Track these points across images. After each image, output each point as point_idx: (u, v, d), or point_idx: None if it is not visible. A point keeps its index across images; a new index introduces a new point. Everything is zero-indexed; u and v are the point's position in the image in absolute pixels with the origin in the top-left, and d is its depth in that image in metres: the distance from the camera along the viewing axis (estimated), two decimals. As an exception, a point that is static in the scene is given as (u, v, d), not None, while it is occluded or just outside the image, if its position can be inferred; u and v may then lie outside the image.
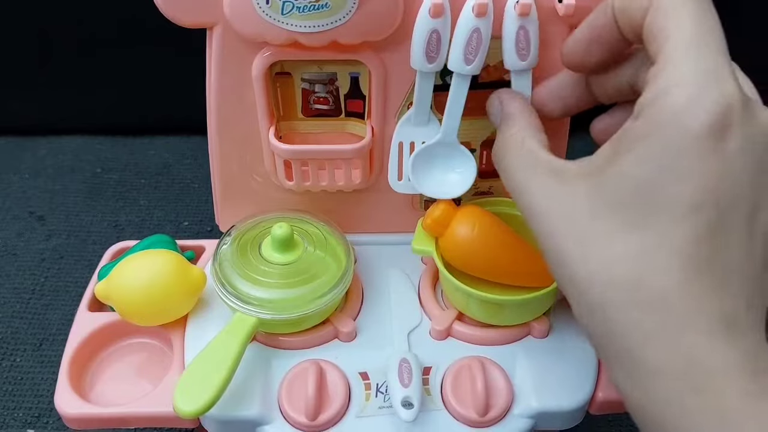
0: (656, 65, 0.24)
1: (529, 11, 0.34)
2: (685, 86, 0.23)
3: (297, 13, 0.33)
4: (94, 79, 0.70)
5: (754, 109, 0.24)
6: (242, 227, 0.40)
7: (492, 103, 0.36)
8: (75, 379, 0.37)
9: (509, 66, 0.36)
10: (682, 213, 0.23)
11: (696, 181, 0.23)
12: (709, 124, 0.23)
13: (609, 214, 0.25)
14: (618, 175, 0.25)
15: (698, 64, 0.23)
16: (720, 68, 0.23)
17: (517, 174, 0.30)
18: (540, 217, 0.27)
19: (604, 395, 0.37)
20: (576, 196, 0.26)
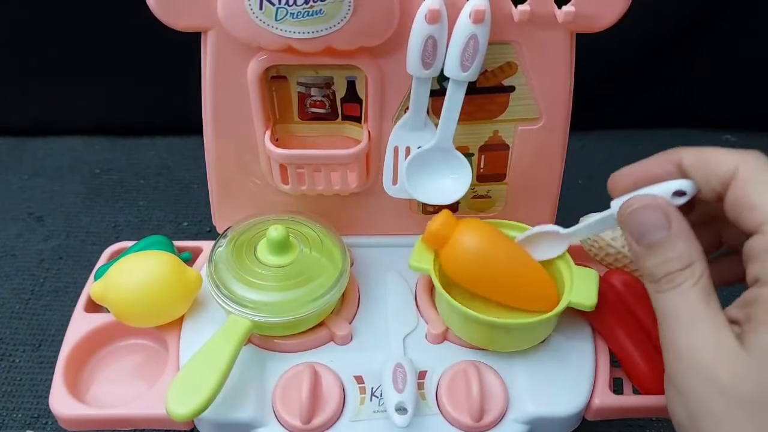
0: (764, 235, 0.27)
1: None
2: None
3: (291, 19, 0.33)
4: (93, 80, 0.71)
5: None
6: (238, 229, 0.40)
7: (648, 210, 0.30)
8: (70, 380, 0.37)
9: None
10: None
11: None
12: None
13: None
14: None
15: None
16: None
17: (702, 351, 0.27)
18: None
19: (600, 401, 0.37)
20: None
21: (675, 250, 0.28)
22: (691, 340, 0.27)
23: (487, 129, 0.40)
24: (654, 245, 0.29)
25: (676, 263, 0.28)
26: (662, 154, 0.31)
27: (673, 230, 0.29)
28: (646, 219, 0.29)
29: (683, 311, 0.28)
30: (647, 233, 0.29)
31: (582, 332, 0.39)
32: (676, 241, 0.29)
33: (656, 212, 0.29)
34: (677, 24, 0.69)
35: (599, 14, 0.36)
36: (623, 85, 0.73)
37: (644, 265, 0.29)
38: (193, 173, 0.70)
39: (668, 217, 0.29)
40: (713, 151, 0.30)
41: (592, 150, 0.74)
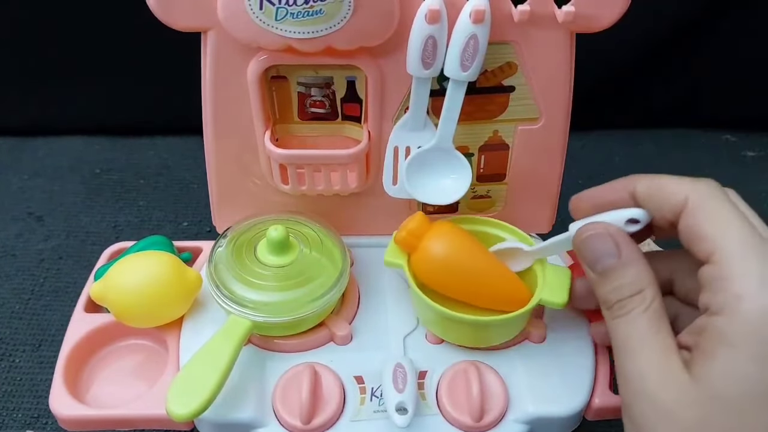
0: (715, 264, 0.27)
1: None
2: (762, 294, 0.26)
3: (291, 18, 0.33)
4: (93, 80, 0.70)
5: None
6: (238, 229, 0.40)
7: (599, 238, 0.31)
8: (70, 380, 0.37)
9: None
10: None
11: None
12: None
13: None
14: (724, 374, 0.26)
15: (763, 267, 0.26)
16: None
17: (648, 376, 0.28)
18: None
19: (600, 401, 0.37)
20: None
21: (625, 277, 0.29)
22: (639, 366, 0.28)
23: (487, 129, 0.40)
24: (606, 272, 0.30)
25: (626, 290, 0.29)
26: (619, 181, 0.32)
27: (623, 258, 0.30)
28: (597, 246, 0.30)
29: (633, 337, 0.28)
30: (599, 260, 0.30)
31: (582, 332, 0.39)
32: (626, 269, 0.29)
33: (607, 240, 0.30)
34: (677, 24, 0.69)
35: (599, 14, 0.36)
36: (623, 85, 0.73)
37: (598, 292, 0.31)
38: (193, 173, 0.70)
39: (618, 246, 0.30)
40: (665, 180, 0.30)
41: (592, 150, 0.74)
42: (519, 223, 0.42)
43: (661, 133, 0.77)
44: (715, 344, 0.26)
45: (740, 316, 0.26)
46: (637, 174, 0.32)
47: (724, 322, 0.26)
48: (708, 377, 0.26)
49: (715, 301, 0.27)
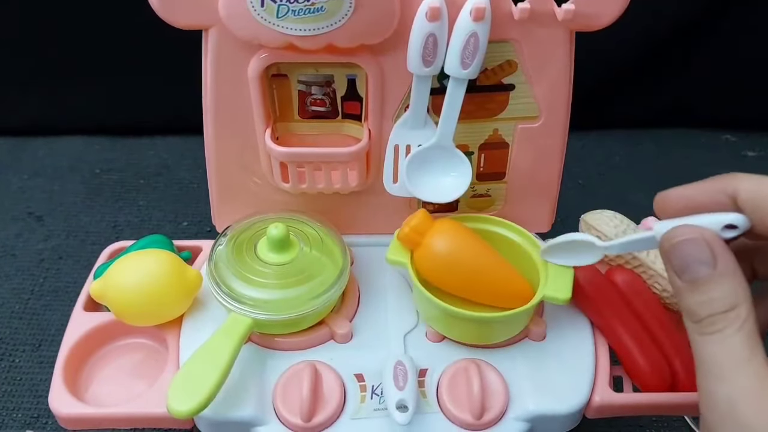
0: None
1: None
2: None
3: (292, 16, 0.33)
4: (93, 79, 0.71)
5: None
6: (238, 228, 0.40)
7: (692, 244, 0.28)
8: (70, 379, 0.37)
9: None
10: None
11: None
12: None
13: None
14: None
15: None
16: None
17: (741, 404, 0.25)
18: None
19: (600, 399, 0.37)
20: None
21: (719, 290, 0.26)
22: (731, 392, 0.25)
23: (487, 127, 0.41)
24: (697, 282, 0.27)
25: (719, 304, 0.26)
26: (716, 181, 0.29)
27: (719, 268, 0.27)
28: (690, 253, 0.27)
29: (725, 359, 0.26)
30: (690, 268, 0.27)
31: (582, 330, 0.39)
32: (722, 281, 0.27)
33: (702, 247, 0.27)
34: (677, 24, 0.69)
35: (599, 12, 0.36)
36: (623, 85, 0.74)
37: (685, 302, 0.27)
38: (193, 173, 0.70)
39: (715, 254, 0.27)
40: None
41: (592, 150, 0.74)
42: (518, 222, 0.42)
43: (661, 133, 0.77)
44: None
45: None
46: (737, 173, 0.28)
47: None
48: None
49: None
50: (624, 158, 0.74)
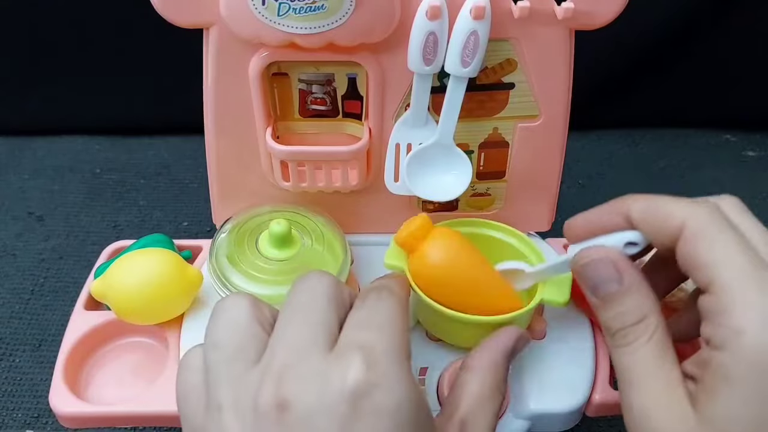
0: (714, 295, 0.26)
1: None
2: (763, 329, 0.25)
3: (293, 14, 0.33)
4: (93, 79, 0.71)
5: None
6: (239, 219, 0.40)
7: (599, 264, 0.30)
8: (70, 378, 0.37)
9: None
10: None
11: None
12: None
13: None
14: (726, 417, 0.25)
15: (764, 299, 0.25)
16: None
17: (653, 411, 0.27)
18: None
19: (600, 397, 0.37)
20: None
21: (627, 304, 0.28)
22: (642, 399, 0.27)
23: (487, 126, 0.41)
24: (607, 298, 0.29)
25: (629, 317, 0.28)
26: (613, 203, 0.31)
27: (625, 284, 0.29)
28: (598, 272, 0.30)
29: (637, 369, 0.28)
30: (600, 286, 0.29)
31: (582, 329, 0.39)
32: (629, 295, 0.29)
33: (608, 266, 0.29)
34: (677, 23, 0.70)
35: (598, 11, 0.36)
36: (623, 85, 0.74)
37: (600, 318, 0.30)
38: (193, 173, 0.70)
39: (620, 271, 0.29)
40: (661, 202, 0.29)
41: (592, 150, 0.74)
42: (518, 221, 0.42)
43: (661, 133, 0.77)
44: (718, 381, 0.25)
45: (741, 352, 0.25)
46: (632, 195, 0.31)
47: (725, 358, 0.25)
48: (711, 417, 0.25)
49: (715, 335, 0.26)
50: (624, 158, 0.74)
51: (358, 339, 0.26)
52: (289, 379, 0.24)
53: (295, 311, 0.28)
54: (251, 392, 0.25)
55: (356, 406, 0.24)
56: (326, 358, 0.25)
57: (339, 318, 0.28)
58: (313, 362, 0.25)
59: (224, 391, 0.25)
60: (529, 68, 0.38)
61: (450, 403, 0.30)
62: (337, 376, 0.24)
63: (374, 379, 0.24)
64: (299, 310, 0.27)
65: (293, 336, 0.26)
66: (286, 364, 0.25)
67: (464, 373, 0.32)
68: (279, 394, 0.24)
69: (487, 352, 0.32)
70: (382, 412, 0.24)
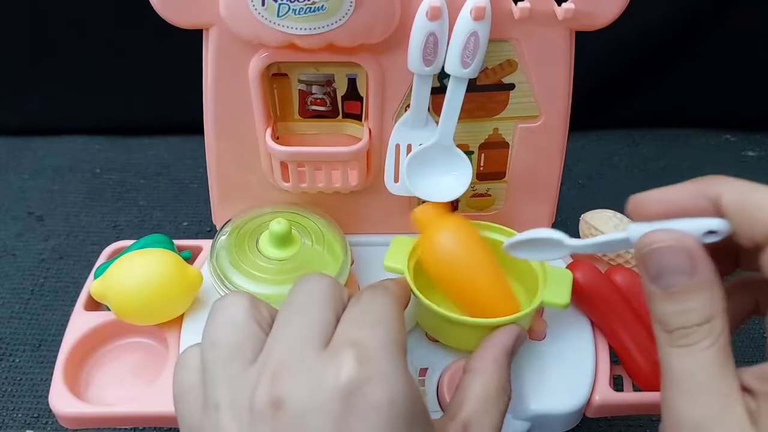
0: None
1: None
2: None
3: (293, 15, 0.33)
4: (93, 79, 0.71)
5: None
6: (240, 220, 0.40)
7: (671, 252, 0.26)
8: (70, 378, 0.37)
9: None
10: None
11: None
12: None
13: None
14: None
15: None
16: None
17: (710, 426, 0.24)
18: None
19: (600, 398, 0.37)
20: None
21: (696, 301, 0.25)
22: (697, 411, 0.24)
23: (487, 127, 0.41)
24: (673, 291, 0.25)
25: (694, 316, 0.25)
26: (698, 184, 0.27)
27: (697, 278, 0.25)
28: (668, 260, 0.26)
29: (694, 376, 0.24)
30: (666, 275, 0.26)
31: (582, 329, 0.39)
32: (699, 292, 0.25)
33: (682, 255, 0.25)
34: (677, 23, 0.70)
35: (599, 12, 0.36)
36: (623, 85, 0.74)
37: (658, 310, 0.26)
38: (193, 173, 0.70)
39: (695, 262, 0.25)
40: (760, 194, 0.25)
41: (592, 150, 0.74)
42: (519, 222, 0.42)
43: (661, 133, 0.77)
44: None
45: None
46: (721, 177, 0.27)
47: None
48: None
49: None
50: (624, 158, 0.74)
51: (351, 336, 0.26)
52: (283, 378, 0.24)
53: (293, 311, 0.28)
54: (248, 391, 0.25)
55: (349, 402, 0.24)
56: (320, 356, 0.25)
57: (337, 318, 0.28)
58: (308, 360, 0.25)
59: (221, 390, 0.25)
60: (529, 69, 0.38)
61: (453, 405, 0.30)
62: (331, 374, 0.24)
63: (367, 374, 0.24)
64: (297, 310, 0.27)
65: (290, 335, 0.26)
66: (282, 363, 0.25)
67: (467, 376, 0.31)
68: (273, 393, 0.24)
69: (489, 353, 0.32)
70: (376, 407, 0.24)
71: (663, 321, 0.26)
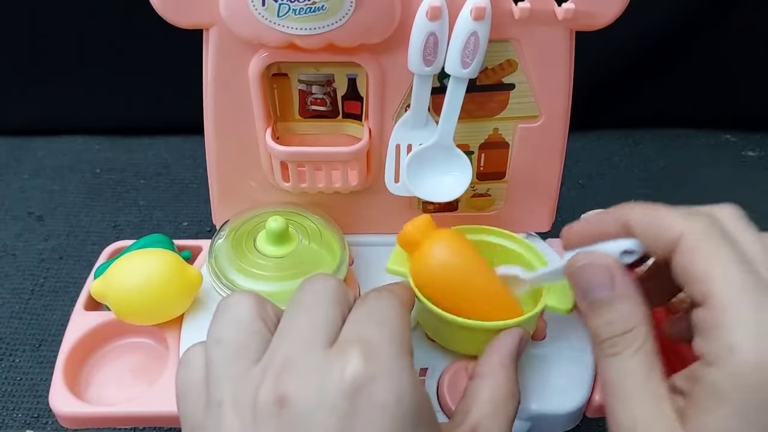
0: (708, 310, 0.25)
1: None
2: (756, 346, 0.24)
3: (293, 15, 0.33)
4: (93, 79, 0.71)
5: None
6: (237, 221, 0.40)
7: (593, 269, 0.29)
8: (70, 378, 0.37)
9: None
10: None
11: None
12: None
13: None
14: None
15: (759, 316, 0.24)
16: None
17: (639, 426, 0.26)
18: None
19: (601, 398, 0.37)
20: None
21: (618, 312, 0.28)
22: (629, 413, 0.26)
23: (487, 127, 0.41)
24: (598, 304, 0.28)
25: (618, 326, 0.28)
26: (611, 212, 0.31)
27: (617, 291, 0.28)
28: (591, 277, 0.29)
29: (623, 380, 0.27)
30: (592, 291, 0.29)
31: (582, 329, 0.39)
32: (620, 303, 0.28)
33: (601, 271, 0.29)
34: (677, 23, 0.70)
35: (599, 12, 0.36)
36: (623, 85, 0.74)
37: (589, 324, 0.29)
38: (193, 173, 0.70)
39: (613, 278, 0.28)
40: (661, 212, 0.28)
41: (592, 150, 0.74)
42: (519, 222, 0.42)
43: (661, 133, 0.77)
44: (709, 397, 0.25)
45: (732, 369, 0.24)
46: (630, 203, 0.30)
47: (716, 374, 0.24)
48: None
49: (708, 350, 0.25)
50: (624, 158, 0.74)
51: (358, 334, 0.26)
52: (288, 376, 0.24)
53: (298, 310, 0.28)
54: (252, 389, 0.25)
55: (355, 400, 0.24)
56: (326, 354, 0.25)
57: (342, 317, 0.28)
58: (313, 358, 0.25)
59: (225, 387, 0.25)
60: (529, 69, 0.38)
61: (460, 410, 0.30)
62: (336, 371, 0.24)
63: (373, 372, 0.24)
64: (303, 310, 0.28)
65: (295, 334, 0.26)
66: (287, 361, 0.25)
67: (474, 381, 0.31)
68: (278, 390, 0.24)
69: (496, 357, 0.32)
70: (382, 405, 0.24)
71: (594, 334, 0.29)
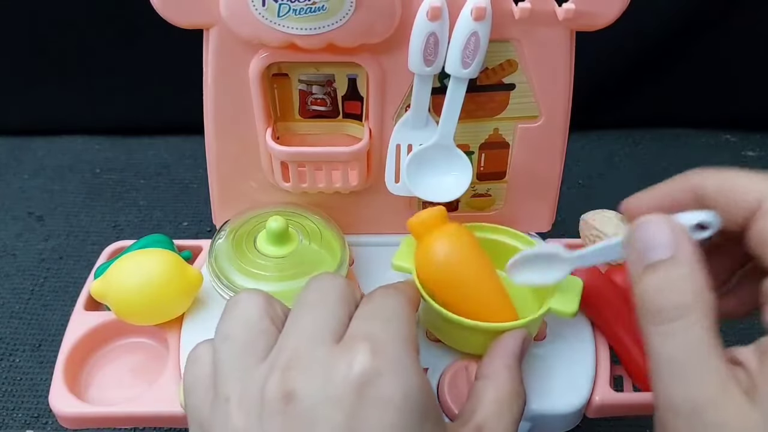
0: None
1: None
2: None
3: (293, 15, 0.33)
4: (93, 80, 0.71)
5: None
6: (237, 221, 0.40)
7: (655, 226, 0.26)
8: (70, 378, 0.37)
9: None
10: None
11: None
12: None
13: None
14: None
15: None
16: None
17: (708, 405, 0.23)
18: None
19: (601, 398, 0.37)
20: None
21: (678, 276, 0.24)
22: (691, 392, 0.23)
23: (488, 127, 0.41)
24: (655, 266, 0.25)
25: (676, 293, 0.24)
26: (679, 180, 0.28)
27: (681, 254, 0.25)
28: (651, 235, 0.25)
29: (683, 356, 0.23)
30: (651, 251, 0.25)
31: (582, 329, 0.39)
32: (682, 266, 0.24)
33: (663, 229, 0.25)
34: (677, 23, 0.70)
35: (599, 12, 0.36)
36: (623, 85, 0.74)
37: (638, 289, 0.25)
38: (193, 173, 0.71)
39: (677, 238, 0.25)
40: (737, 177, 0.26)
41: (592, 150, 0.74)
42: (519, 222, 0.41)
43: (661, 133, 0.77)
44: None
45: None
46: (699, 170, 0.27)
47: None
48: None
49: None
50: (624, 158, 0.74)
51: (365, 330, 0.26)
52: (295, 371, 0.24)
53: (305, 308, 0.28)
54: (259, 385, 0.25)
55: (362, 394, 0.24)
56: (332, 350, 0.25)
57: (349, 315, 0.28)
58: (320, 354, 0.25)
59: (232, 383, 0.25)
60: (529, 69, 0.38)
61: (466, 411, 0.30)
62: (343, 366, 0.24)
63: (380, 367, 0.24)
64: (310, 307, 0.28)
65: (302, 331, 0.26)
66: (293, 357, 0.25)
67: (479, 382, 0.31)
68: (285, 386, 0.24)
69: (500, 358, 0.32)
70: (388, 400, 0.24)
71: (644, 300, 0.25)
